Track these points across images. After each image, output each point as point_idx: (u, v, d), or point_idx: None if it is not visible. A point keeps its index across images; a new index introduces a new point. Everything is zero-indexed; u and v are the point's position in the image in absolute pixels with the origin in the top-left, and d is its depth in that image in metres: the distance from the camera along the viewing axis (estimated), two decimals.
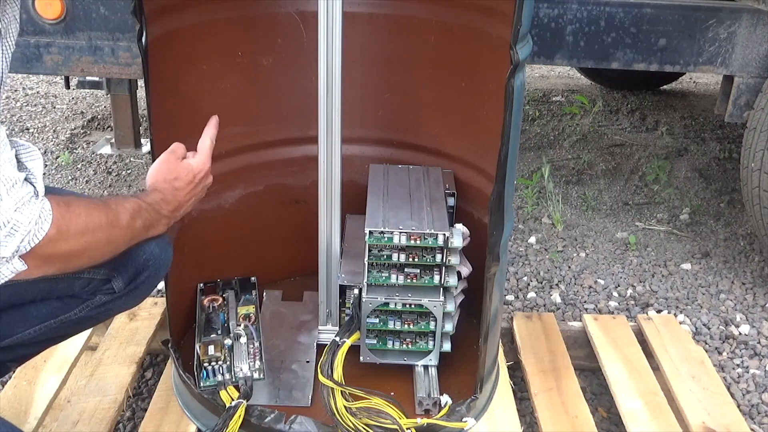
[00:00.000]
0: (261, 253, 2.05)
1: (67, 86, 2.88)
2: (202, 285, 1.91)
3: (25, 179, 1.12)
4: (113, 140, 3.29)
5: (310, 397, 1.71)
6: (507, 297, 2.45)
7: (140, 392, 1.99)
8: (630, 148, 3.70)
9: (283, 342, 1.89)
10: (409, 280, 1.69)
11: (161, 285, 1.97)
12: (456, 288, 1.71)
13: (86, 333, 1.91)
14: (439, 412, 1.64)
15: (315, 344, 1.87)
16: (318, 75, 1.63)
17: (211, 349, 1.65)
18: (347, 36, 1.60)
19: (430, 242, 1.65)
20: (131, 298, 1.44)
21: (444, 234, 1.64)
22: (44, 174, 2.73)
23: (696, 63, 2.33)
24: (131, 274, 1.39)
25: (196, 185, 1.50)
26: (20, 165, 1.14)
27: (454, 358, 1.77)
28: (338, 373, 1.62)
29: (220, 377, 1.63)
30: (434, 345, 1.73)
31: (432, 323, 1.71)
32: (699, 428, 1.74)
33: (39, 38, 2.26)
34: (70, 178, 3.29)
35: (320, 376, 1.61)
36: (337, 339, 1.70)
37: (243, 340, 1.68)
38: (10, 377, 1.80)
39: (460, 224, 1.72)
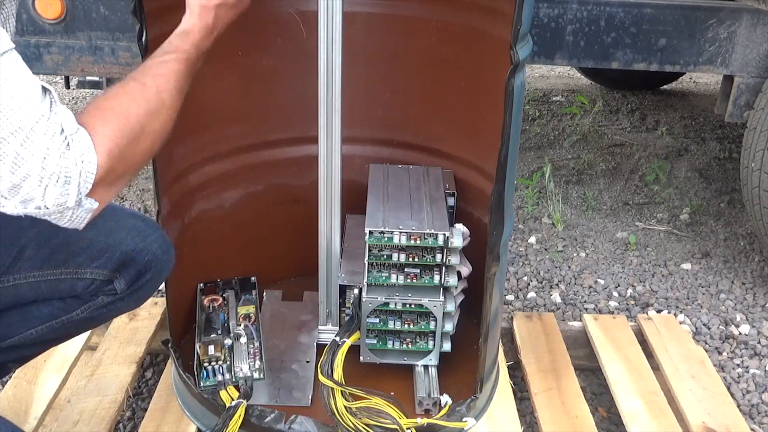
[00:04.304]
0: (261, 253, 2.05)
1: (67, 86, 2.88)
2: (202, 285, 1.91)
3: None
4: None
5: (310, 397, 1.71)
6: (507, 297, 2.45)
7: (140, 392, 1.99)
8: (630, 148, 3.70)
9: (283, 342, 1.89)
10: (409, 280, 1.69)
11: (161, 285, 1.97)
12: (456, 288, 1.71)
13: (86, 333, 1.91)
14: (439, 412, 1.64)
15: (315, 344, 1.87)
16: (318, 75, 1.63)
17: (211, 349, 1.65)
18: (347, 36, 1.60)
19: (430, 242, 1.65)
20: (133, 299, 1.44)
21: (444, 234, 1.64)
22: None
23: (696, 63, 2.33)
24: (133, 275, 1.39)
25: (237, 6, 1.41)
26: (53, 104, 1.07)
27: (454, 358, 1.77)
28: (338, 373, 1.62)
29: (220, 377, 1.63)
30: (434, 345, 1.73)
31: (432, 323, 1.71)
32: (699, 428, 1.74)
33: (39, 38, 2.26)
34: None
35: (320, 376, 1.61)
36: (337, 339, 1.70)
37: (243, 340, 1.68)
38: (10, 377, 1.80)
39: (460, 224, 1.72)
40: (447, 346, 1.74)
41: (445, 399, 1.66)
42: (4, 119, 0.98)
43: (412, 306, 1.69)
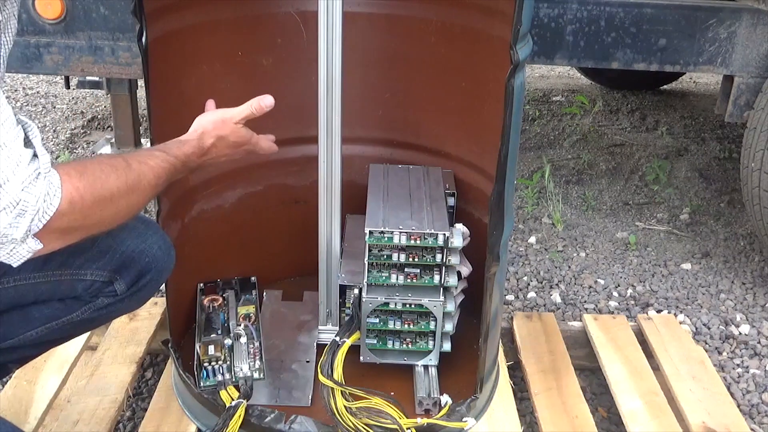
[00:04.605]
0: (261, 253, 2.05)
1: (67, 86, 2.88)
2: (202, 285, 1.91)
3: (33, 155, 1.07)
4: (113, 140, 3.28)
5: (310, 397, 1.71)
6: (507, 297, 2.45)
7: (140, 392, 1.99)
8: (630, 148, 3.70)
9: (283, 342, 1.89)
10: (409, 280, 1.69)
11: (161, 286, 1.97)
12: (456, 288, 1.71)
13: (86, 333, 1.91)
14: (439, 412, 1.64)
15: (315, 344, 1.87)
16: (318, 75, 1.63)
17: (211, 349, 1.65)
18: (347, 36, 1.60)
19: (430, 242, 1.65)
20: (133, 300, 1.44)
21: (444, 234, 1.64)
22: None
23: (696, 63, 2.33)
24: (134, 276, 1.39)
25: (238, 148, 1.49)
26: (27, 143, 1.09)
27: (454, 358, 1.77)
28: (338, 373, 1.62)
29: (220, 377, 1.63)
30: (434, 345, 1.73)
31: (432, 323, 1.71)
32: (699, 428, 1.74)
33: (39, 38, 2.26)
34: None
35: (320, 376, 1.61)
36: (337, 339, 1.70)
37: (243, 340, 1.68)
38: (10, 377, 1.80)
39: (460, 224, 1.72)
40: (447, 346, 1.75)
41: (445, 399, 1.66)
42: None
43: (412, 306, 1.69)
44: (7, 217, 1.02)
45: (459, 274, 1.72)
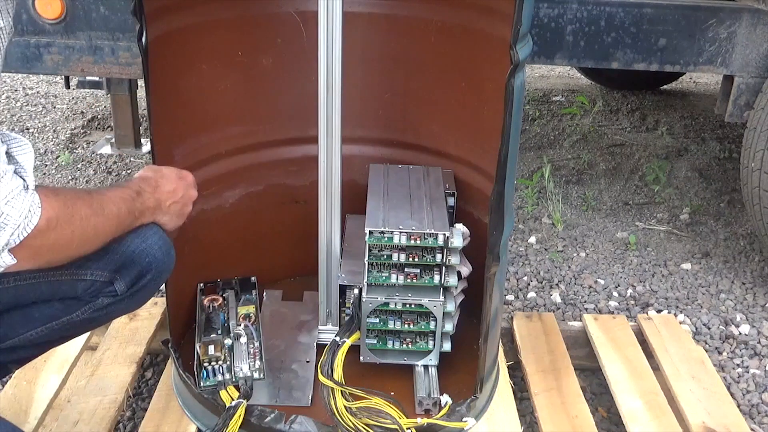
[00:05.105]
0: (261, 253, 2.05)
1: (67, 86, 2.88)
2: (202, 285, 1.91)
3: (15, 172, 1.11)
4: (113, 140, 3.29)
5: (310, 397, 1.71)
6: (507, 297, 2.45)
7: (140, 392, 1.99)
8: (630, 148, 3.70)
9: (283, 342, 1.89)
10: (409, 280, 1.69)
11: (161, 286, 1.97)
12: (456, 288, 1.71)
13: (86, 333, 1.91)
14: (439, 412, 1.64)
15: (315, 344, 1.87)
16: (318, 75, 1.63)
17: (211, 349, 1.65)
18: (347, 36, 1.60)
19: (430, 242, 1.65)
20: (133, 300, 1.43)
21: (444, 234, 1.64)
22: (45, 174, 2.75)
23: (696, 63, 2.33)
24: (134, 276, 1.39)
25: (180, 183, 1.50)
26: (10, 158, 1.13)
27: (454, 358, 1.77)
28: (338, 373, 1.62)
29: (220, 377, 1.63)
30: (434, 345, 1.73)
31: (432, 323, 1.71)
32: (699, 428, 1.74)
33: (39, 38, 2.26)
34: (70, 178, 3.29)
35: (320, 376, 1.61)
36: (337, 339, 1.70)
37: (243, 340, 1.68)
38: (10, 377, 1.80)
39: (460, 224, 1.72)
40: (447, 346, 1.75)
41: (445, 399, 1.66)
42: None
43: (412, 306, 1.69)
44: None
45: (459, 274, 1.72)
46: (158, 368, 2.06)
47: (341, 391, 1.58)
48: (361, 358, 1.74)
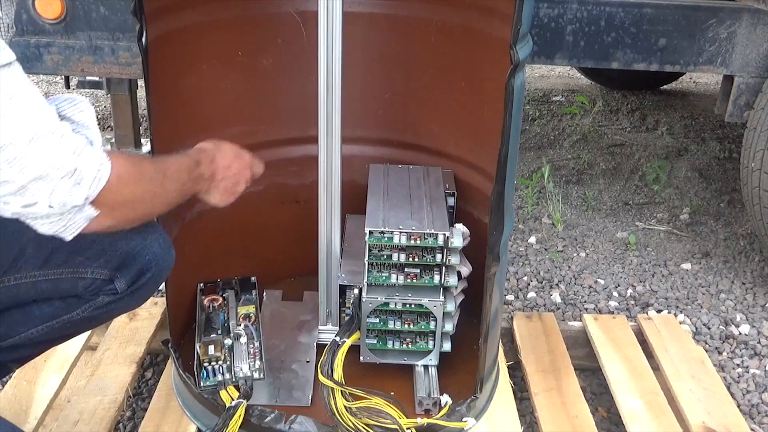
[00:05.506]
0: (261, 253, 2.05)
1: (67, 86, 2.88)
2: (202, 285, 1.91)
3: (74, 131, 1.13)
4: (113, 140, 3.28)
5: (310, 397, 1.71)
6: (507, 297, 2.45)
7: (140, 392, 1.99)
8: (630, 148, 3.70)
9: (283, 342, 1.89)
10: (409, 280, 1.69)
11: (161, 285, 1.97)
12: (456, 288, 1.71)
13: (86, 333, 1.91)
14: (439, 412, 1.64)
15: (315, 344, 1.87)
16: (318, 75, 1.63)
17: (211, 348, 1.65)
18: (347, 36, 1.60)
19: (430, 242, 1.65)
20: (134, 299, 1.44)
21: (444, 234, 1.64)
22: None
23: (696, 63, 2.33)
24: (134, 274, 1.39)
25: (236, 161, 1.52)
26: (65, 119, 1.15)
27: (454, 358, 1.77)
28: (338, 373, 1.62)
29: (220, 377, 1.63)
30: (434, 345, 1.73)
31: (432, 323, 1.71)
32: (699, 428, 1.74)
33: (39, 38, 2.26)
34: None
35: (320, 376, 1.61)
36: (337, 339, 1.70)
37: (243, 340, 1.68)
38: (10, 377, 1.80)
39: (460, 224, 1.72)
40: (447, 346, 1.74)
41: (445, 399, 1.66)
42: (19, 124, 1.04)
43: (412, 306, 1.69)
44: (66, 184, 1.08)
45: (459, 274, 1.72)
46: (158, 368, 2.06)
47: (341, 391, 1.58)
48: (361, 358, 1.74)
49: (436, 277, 1.69)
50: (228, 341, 1.67)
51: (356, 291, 1.76)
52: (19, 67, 1.08)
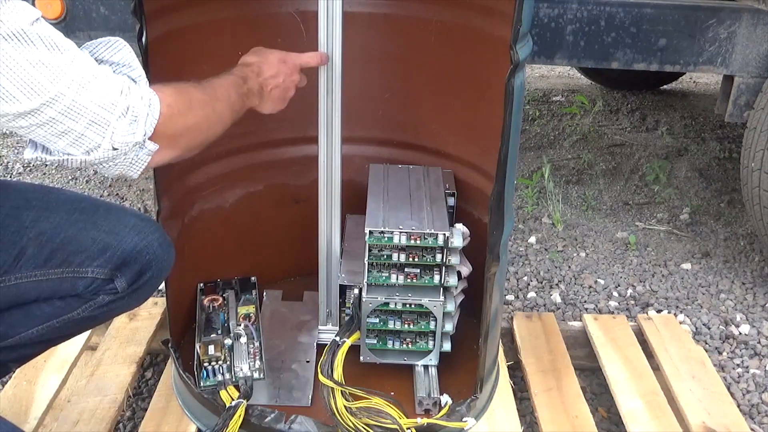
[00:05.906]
0: (261, 253, 2.05)
1: None
2: (202, 285, 1.91)
3: (114, 72, 1.16)
4: None
5: (310, 397, 1.71)
6: (507, 297, 2.45)
7: (140, 392, 1.99)
8: (630, 148, 3.70)
9: (283, 342, 1.89)
10: (409, 280, 1.69)
11: (161, 285, 1.97)
12: (456, 288, 1.71)
13: (86, 333, 1.91)
14: (439, 412, 1.64)
15: (315, 344, 1.87)
16: (318, 75, 1.63)
17: (211, 348, 1.65)
18: (347, 36, 1.60)
19: (430, 242, 1.65)
20: (134, 298, 1.44)
21: (444, 234, 1.64)
22: (44, 174, 2.73)
23: (696, 63, 2.33)
24: (134, 274, 1.39)
25: (282, 67, 1.52)
26: (102, 62, 1.17)
27: (454, 358, 1.77)
28: (338, 372, 1.62)
29: (220, 377, 1.63)
30: (434, 345, 1.73)
31: (432, 323, 1.71)
32: (699, 428, 1.74)
33: None
34: (70, 177, 3.29)
35: (320, 376, 1.61)
36: (337, 339, 1.70)
37: (243, 339, 1.68)
38: (10, 377, 1.80)
39: (460, 224, 1.72)
40: (447, 346, 1.75)
41: (445, 399, 1.66)
42: (63, 74, 1.06)
43: (412, 306, 1.69)
44: (123, 123, 1.12)
45: (459, 274, 1.72)
46: (158, 368, 2.06)
47: (341, 391, 1.58)
48: (361, 358, 1.74)
49: (436, 277, 1.69)
50: (228, 341, 1.67)
51: (356, 291, 1.76)
52: (45, 23, 1.10)
